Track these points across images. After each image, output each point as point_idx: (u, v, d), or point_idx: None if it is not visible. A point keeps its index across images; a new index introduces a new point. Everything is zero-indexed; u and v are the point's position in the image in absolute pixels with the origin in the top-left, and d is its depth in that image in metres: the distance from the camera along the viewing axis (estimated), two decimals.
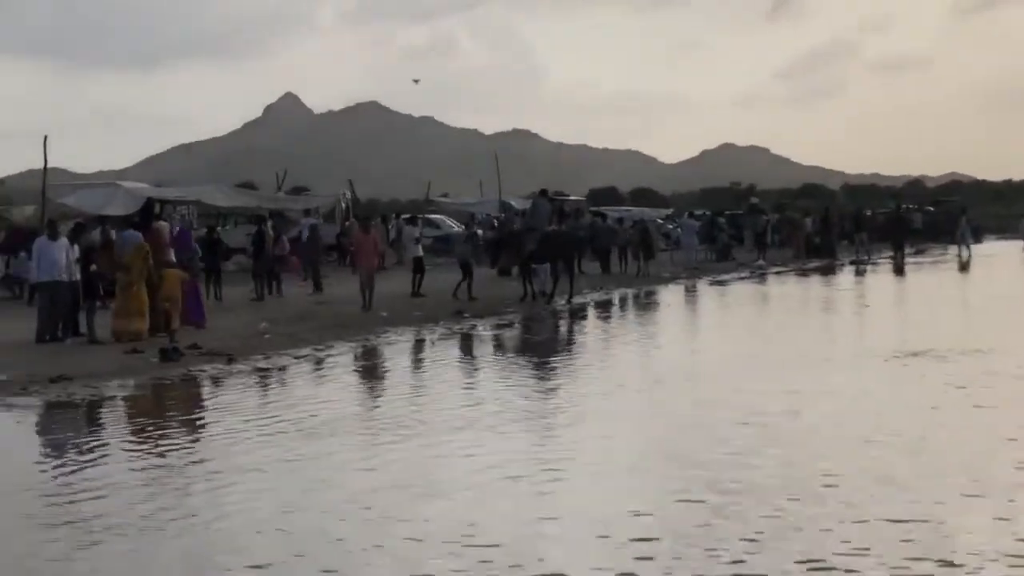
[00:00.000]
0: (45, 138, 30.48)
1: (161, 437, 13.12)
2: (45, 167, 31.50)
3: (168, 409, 15.24)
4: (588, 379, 17.10)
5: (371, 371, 19.01)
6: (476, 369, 18.99)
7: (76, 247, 20.90)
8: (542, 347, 21.72)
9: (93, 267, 20.84)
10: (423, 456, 11.64)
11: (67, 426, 14.08)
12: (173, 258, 22.02)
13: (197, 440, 13.13)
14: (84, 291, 20.60)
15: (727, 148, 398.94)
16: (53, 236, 20.73)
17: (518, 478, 10.48)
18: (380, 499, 9.83)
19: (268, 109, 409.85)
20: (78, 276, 20.53)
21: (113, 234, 22.40)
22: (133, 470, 11.35)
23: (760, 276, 42.29)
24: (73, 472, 11.30)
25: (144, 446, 12.63)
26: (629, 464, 11.34)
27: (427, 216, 46.39)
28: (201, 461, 11.74)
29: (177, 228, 26.59)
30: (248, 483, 10.59)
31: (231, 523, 9.23)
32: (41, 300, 20.71)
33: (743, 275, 42.37)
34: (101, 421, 14.47)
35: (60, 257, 20.27)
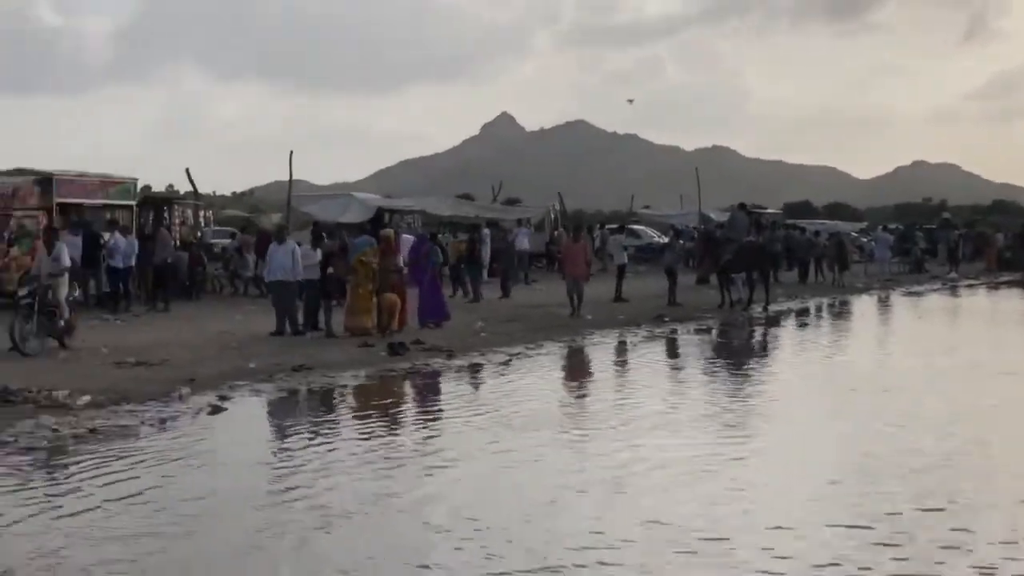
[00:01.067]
0: (291, 153, 32.02)
1: (386, 423, 13.68)
2: (291, 179, 33.04)
3: (394, 398, 15.86)
4: (782, 384, 17.05)
5: (577, 369, 19.27)
6: (674, 370, 19.19)
7: (319, 252, 21.77)
8: (738, 352, 21.70)
9: (330, 269, 21.72)
10: (622, 450, 11.81)
11: (305, 410, 14.75)
12: (401, 263, 22.66)
13: (416, 427, 13.64)
14: (322, 291, 21.48)
15: (919, 165, 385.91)
16: (280, 240, 21.70)
17: (711, 473, 10.60)
18: (583, 489, 10.09)
19: (485, 127, 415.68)
20: (315, 276, 21.39)
21: (348, 240, 23.27)
22: (362, 452, 11.84)
23: (952, 288, 41.17)
24: (308, 452, 11.81)
25: (371, 431, 13.16)
26: (826, 466, 11.29)
27: (631, 226, 46.55)
28: (420, 446, 12.18)
29: (415, 237, 27.28)
30: (456, 469, 10.98)
31: (434, 507, 9.52)
32: (272, 298, 21.63)
33: (935, 287, 41.34)
34: (335, 407, 15.10)
35: (286, 260, 21.09)
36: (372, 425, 13.59)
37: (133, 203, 28.91)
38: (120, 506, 9.36)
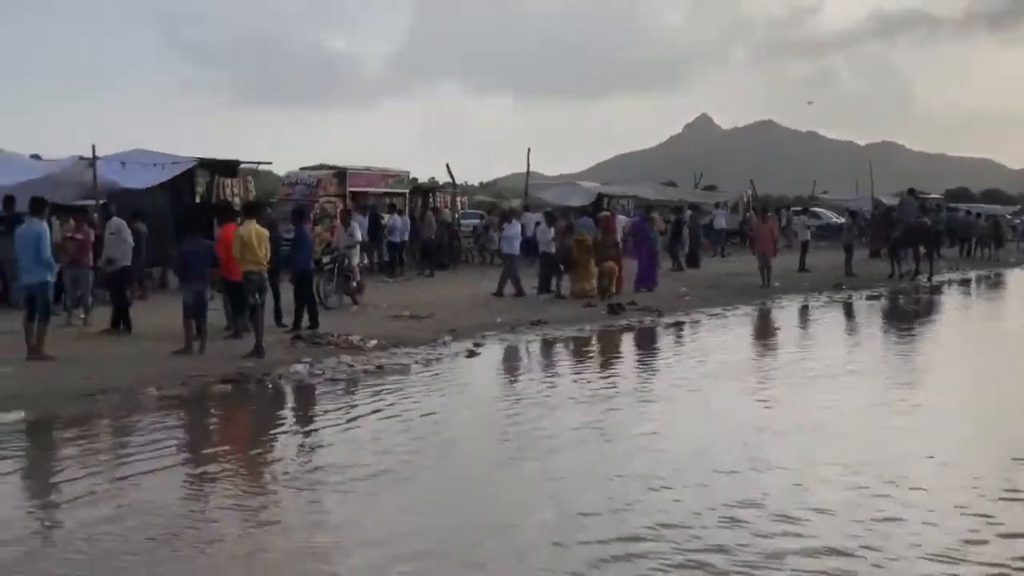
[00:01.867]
0: (528, 150, 32.47)
1: (607, 368, 13.94)
2: (527, 171, 33.56)
3: (613, 348, 16.09)
4: (948, 341, 16.56)
5: (768, 327, 19.00)
6: (852, 330, 18.83)
7: (552, 229, 22.06)
8: (907, 314, 20.98)
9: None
10: (810, 398, 11.68)
11: (541, 356, 15.13)
12: (618, 239, 22.77)
13: (631, 373, 13.81)
14: (554, 263, 21.81)
15: None
16: (508, 220, 22.44)
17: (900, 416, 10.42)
18: (781, 430, 10.05)
19: (687, 127, 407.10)
20: (549, 249, 21.73)
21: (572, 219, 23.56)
22: (587, 391, 12.09)
23: None
24: (543, 388, 12.14)
25: (595, 374, 13.43)
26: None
27: (812, 209, 45.17)
28: (636, 388, 12.37)
29: (637, 217, 27.31)
30: (666, 408, 11.11)
31: (650, 438, 9.65)
32: (508, 267, 22.01)
33: None
34: (565, 354, 15.38)
35: (515, 234, 21.90)
36: (595, 369, 13.88)
37: (406, 191, 29.96)
38: (396, 422, 9.93)
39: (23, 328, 12.60)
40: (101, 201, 19.06)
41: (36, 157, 23.96)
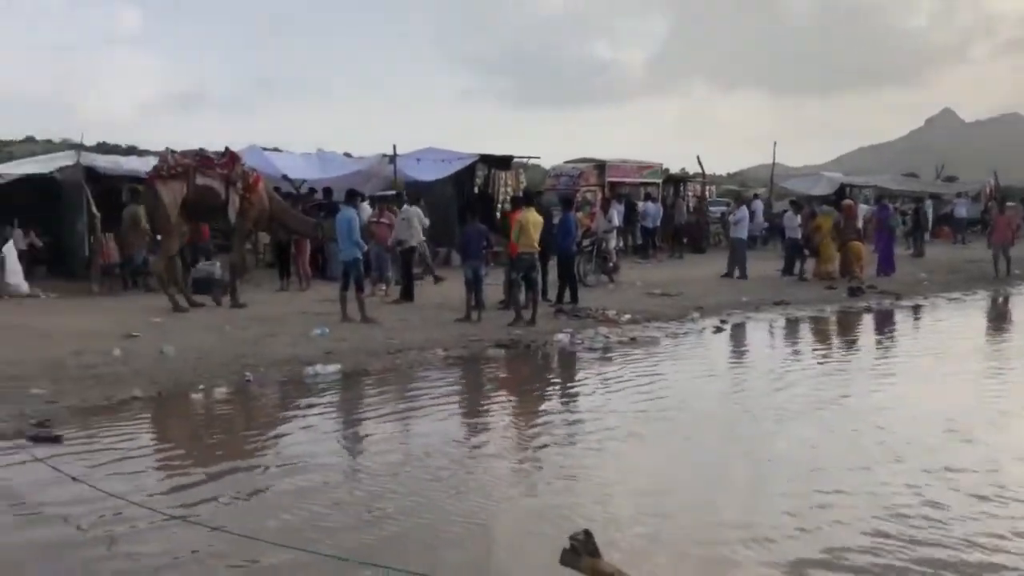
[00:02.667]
0: (774, 144, 31.46)
1: (842, 347, 13.32)
2: (773, 163, 32.49)
3: (850, 328, 15.34)
4: None
5: (1006, 313, 17.47)
6: None
7: (799, 216, 21.27)
8: None
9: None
10: None
11: (782, 333, 14.63)
12: (859, 225, 21.63)
13: (866, 352, 13.10)
14: (799, 247, 21.03)
15: None
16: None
17: None
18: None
19: (928, 121, 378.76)
20: (795, 235, 20.98)
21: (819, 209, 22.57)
22: (823, 366, 11.64)
23: None
24: (783, 362, 11.82)
25: (832, 351, 12.87)
26: None
27: None
28: (872, 366, 11.73)
29: (876, 206, 25.81)
30: (898, 387, 10.47)
31: (879, 414, 9.16)
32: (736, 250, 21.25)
33: None
34: (804, 333, 14.78)
35: (743, 219, 21.13)
36: (832, 347, 13.31)
37: (659, 181, 29.71)
38: (645, 389, 9.93)
39: (339, 297, 13.61)
40: (396, 192, 20.15)
41: (348, 155, 25.74)
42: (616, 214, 20.57)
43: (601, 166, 27.69)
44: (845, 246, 20.38)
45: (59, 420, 8.00)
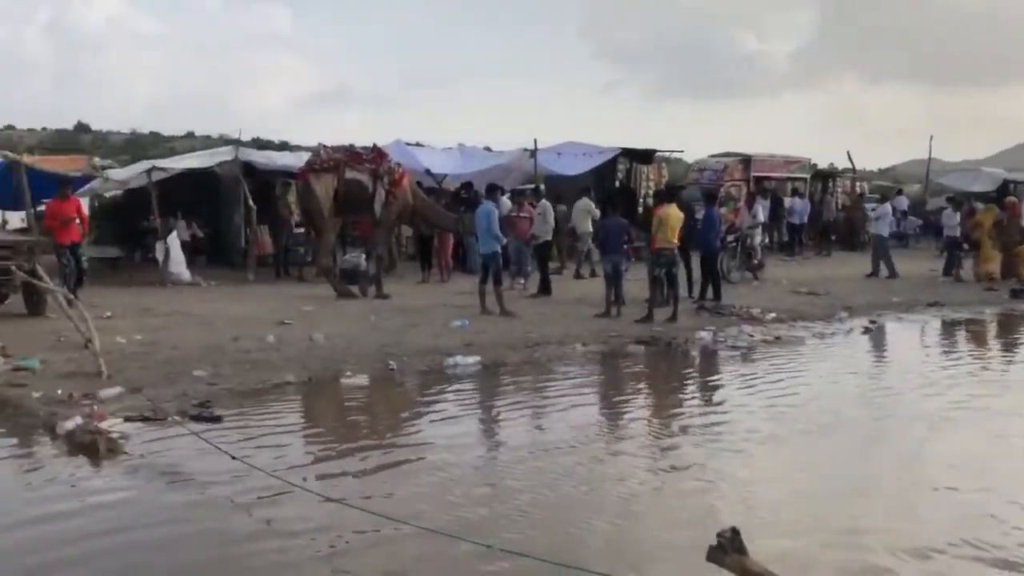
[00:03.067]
0: (931, 137, 30.14)
1: (998, 351, 12.64)
2: (929, 157, 31.08)
3: (1011, 332, 14.54)
4: None
5: None
6: None
7: (957, 214, 20.34)
8: None
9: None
10: None
11: (938, 335, 14.04)
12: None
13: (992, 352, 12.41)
14: (958, 245, 20.13)
15: None
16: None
17: None
18: None
19: None
20: (954, 233, 20.07)
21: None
22: (973, 369, 11.08)
23: None
24: (932, 365, 11.32)
25: (990, 355, 12.24)
26: None
27: None
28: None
29: None
30: None
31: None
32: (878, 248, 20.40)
33: None
34: (960, 335, 14.18)
35: (884, 216, 20.30)
36: (990, 352, 12.68)
37: (807, 176, 28.89)
38: (788, 390, 9.68)
39: (478, 290, 13.86)
40: (535, 185, 20.33)
41: (488, 149, 26.12)
42: (761, 210, 20.12)
43: (746, 160, 27.13)
44: (1010, 249, 19.30)
45: (218, 401, 8.48)
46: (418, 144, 25.30)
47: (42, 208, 17.11)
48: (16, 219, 18.91)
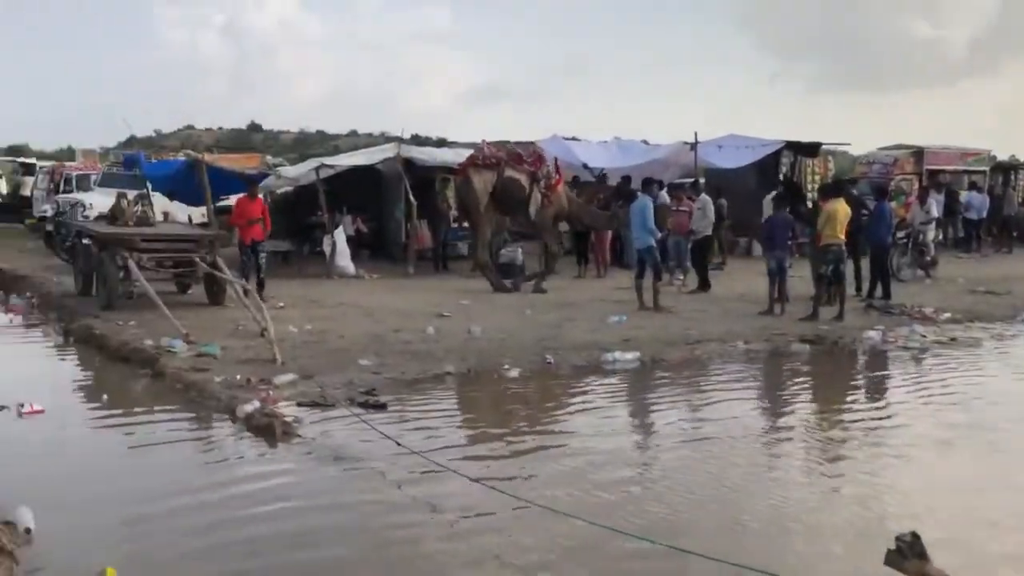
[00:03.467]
0: None
1: None
2: None
3: None
4: None
5: None
6: None
7: None
8: None
9: None
10: None
11: None
12: None
13: None
14: None
15: None
16: None
17: None
18: None
19: None
20: None
21: None
22: None
23: None
24: None
25: None
26: None
27: None
28: None
29: None
30: None
31: None
32: None
33: None
34: None
35: None
36: None
37: (986, 169, 27.34)
38: (964, 395, 9.24)
39: (634, 285, 13.81)
40: (694, 180, 20.04)
41: (645, 143, 25.93)
42: (935, 204, 19.15)
43: (919, 153, 25.90)
44: None
45: (382, 389, 8.81)
46: (574, 138, 25.36)
47: (222, 203, 18.22)
48: (197, 214, 20.13)
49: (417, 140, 48.51)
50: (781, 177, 22.99)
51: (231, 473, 6.60)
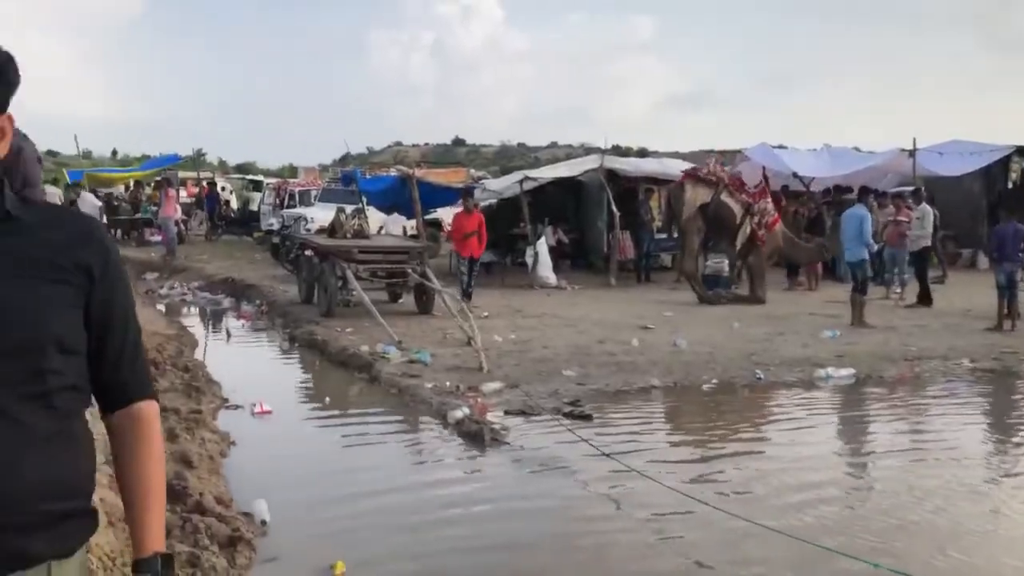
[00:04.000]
0: None
1: None
2: None
3: None
4: None
5: None
6: None
7: None
8: None
9: None
10: None
11: None
12: None
13: None
14: None
15: None
16: None
17: None
18: None
19: None
20: None
21: None
22: None
23: None
24: None
25: None
26: None
27: None
28: None
29: None
30: None
31: None
32: None
33: None
34: None
35: None
36: None
37: None
38: None
39: (850, 299, 13.24)
40: (914, 188, 18.99)
41: (857, 150, 24.86)
42: None
43: None
44: None
45: (587, 400, 8.87)
46: (781, 146, 24.61)
47: (432, 215, 18.95)
48: (410, 226, 21.03)
49: (618, 151, 48.54)
50: (1010, 185, 21.45)
51: (443, 475, 6.87)
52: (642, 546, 5.41)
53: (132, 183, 30.16)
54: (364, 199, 20.29)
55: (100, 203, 23.48)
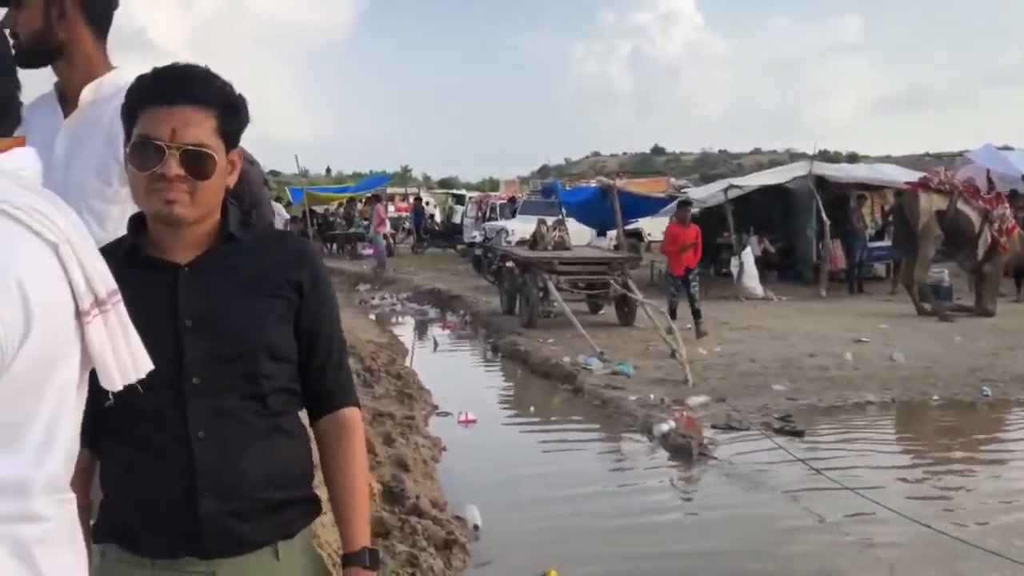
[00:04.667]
0: None
1: None
2: None
3: None
4: None
5: None
6: None
7: None
8: None
9: None
10: None
11: None
12: None
13: None
14: None
15: None
16: None
17: None
18: None
19: None
20: None
21: None
22: None
23: None
24: None
25: None
26: None
27: None
28: None
29: None
30: None
31: None
32: None
33: None
34: None
35: None
36: None
37: None
38: None
39: None
40: None
41: None
42: None
43: None
44: None
45: (798, 416, 8.61)
46: (1007, 147, 22.93)
47: (633, 226, 18.91)
48: (613, 237, 21.05)
49: (825, 156, 46.54)
50: None
51: (652, 483, 6.91)
52: (845, 559, 5.24)
53: (345, 200, 31.87)
54: (564, 211, 20.53)
55: (288, 215, 24.90)
